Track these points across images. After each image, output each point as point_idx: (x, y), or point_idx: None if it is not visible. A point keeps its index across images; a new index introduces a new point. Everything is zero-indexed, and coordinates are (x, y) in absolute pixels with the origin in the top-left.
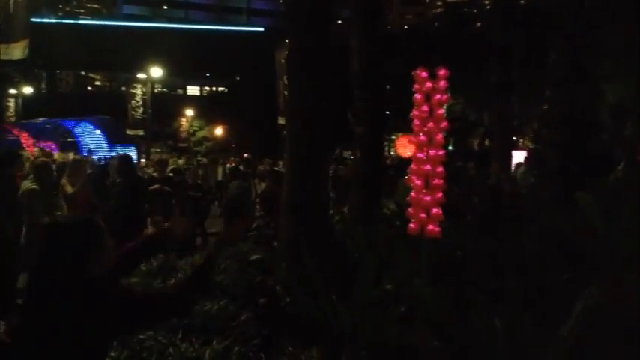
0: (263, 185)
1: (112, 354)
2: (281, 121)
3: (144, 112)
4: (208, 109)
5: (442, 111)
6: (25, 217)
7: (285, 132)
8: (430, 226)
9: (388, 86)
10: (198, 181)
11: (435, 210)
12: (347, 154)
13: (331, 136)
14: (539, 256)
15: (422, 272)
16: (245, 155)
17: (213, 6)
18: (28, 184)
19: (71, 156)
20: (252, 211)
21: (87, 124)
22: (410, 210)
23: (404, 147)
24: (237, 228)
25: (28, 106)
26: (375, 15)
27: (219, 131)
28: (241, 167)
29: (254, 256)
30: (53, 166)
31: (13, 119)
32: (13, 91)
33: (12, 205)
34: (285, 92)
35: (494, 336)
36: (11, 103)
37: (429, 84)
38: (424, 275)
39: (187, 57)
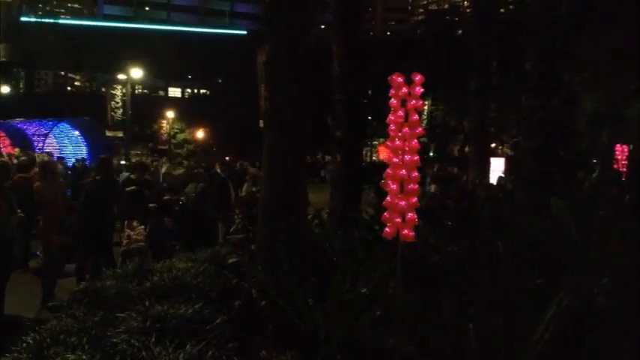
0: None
1: (84, 357)
2: (262, 124)
3: (124, 114)
4: (190, 111)
5: (417, 117)
6: None
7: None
8: (405, 231)
9: (370, 91)
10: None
11: (410, 214)
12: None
13: (309, 139)
14: (513, 260)
15: (396, 276)
16: (227, 158)
17: (196, 8)
18: None
19: (45, 157)
20: (210, 213)
21: (65, 125)
22: (385, 214)
23: (386, 152)
24: None
25: (5, 105)
26: (357, 20)
27: (200, 134)
28: (218, 170)
29: (231, 260)
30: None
31: None
32: None
33: None
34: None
35: (467, 340)
36: None
37: (404, 89)
38: (398, 278)
39: (169, 59)
